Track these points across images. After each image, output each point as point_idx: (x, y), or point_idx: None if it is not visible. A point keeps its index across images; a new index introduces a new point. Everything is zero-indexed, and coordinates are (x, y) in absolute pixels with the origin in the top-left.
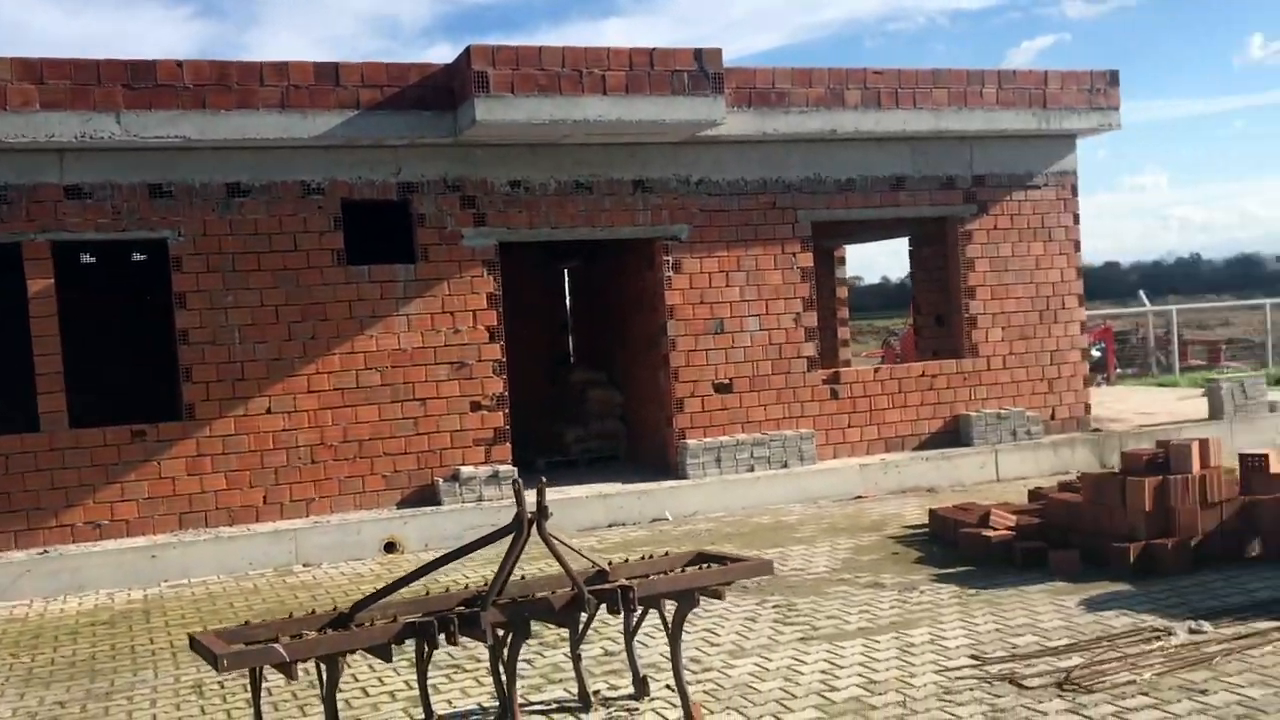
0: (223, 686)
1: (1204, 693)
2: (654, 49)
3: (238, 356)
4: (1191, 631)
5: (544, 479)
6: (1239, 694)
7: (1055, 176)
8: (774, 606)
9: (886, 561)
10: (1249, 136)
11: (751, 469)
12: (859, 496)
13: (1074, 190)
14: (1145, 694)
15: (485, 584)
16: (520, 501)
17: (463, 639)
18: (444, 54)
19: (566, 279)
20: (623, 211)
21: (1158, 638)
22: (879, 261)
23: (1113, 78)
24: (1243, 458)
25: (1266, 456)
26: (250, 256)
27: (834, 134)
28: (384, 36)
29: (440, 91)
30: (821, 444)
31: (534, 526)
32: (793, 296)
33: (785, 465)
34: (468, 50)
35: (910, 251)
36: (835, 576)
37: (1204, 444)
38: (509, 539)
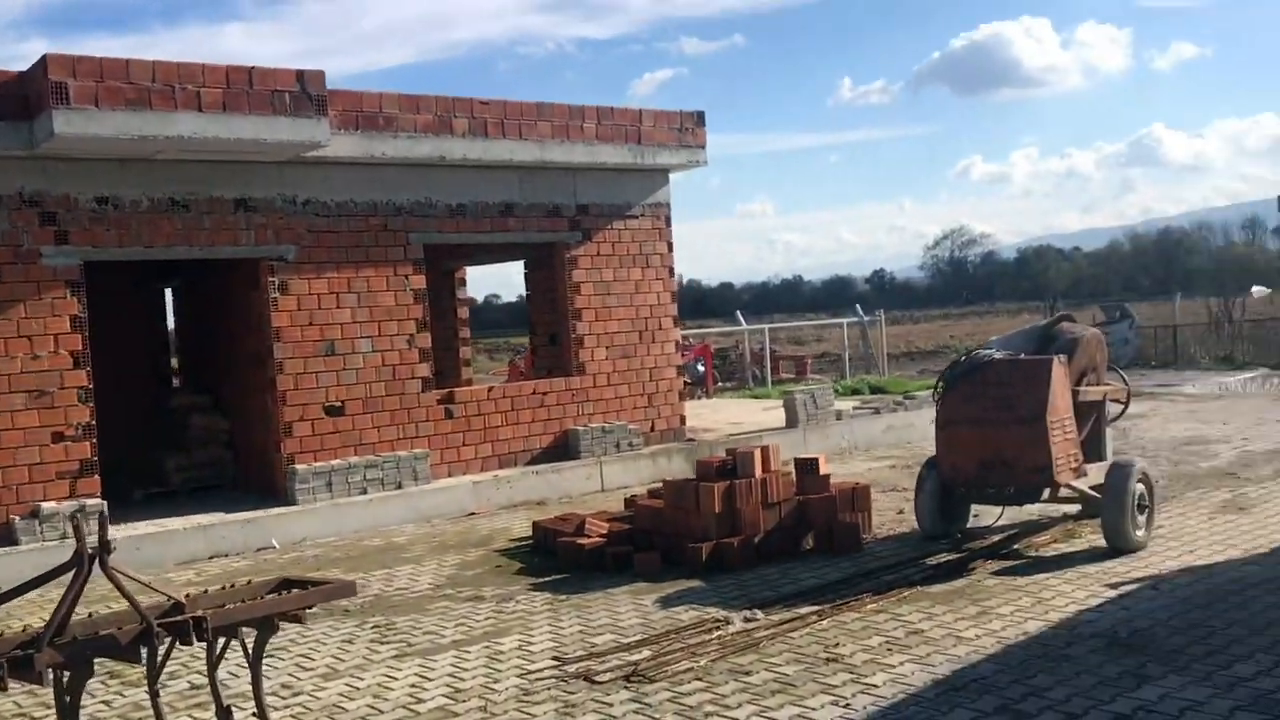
0: None
1: (748, 673)
2: (253, 68)
3: None
4: (746, 620)
5: (104, 512)
6: (777, 671)
7: (651, 208)
8: (373, 627)
9: (489, 575)
10: (842, 170)
11: (365, 491)
12: (472, 513)
13: (668, 220)
14: (699, 679)
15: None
16: (80, 537)
17: (27, 685)
18: (40, 50)
19: (170, 299)
20: (224, 231)
21: (718, 627)
22: (516, 280)
23: (699, 118)
24: (798, 462)
25: (817, 460)
26: None
27: (443, 160)
28: None
29: (14, 100)
30: (436, 463)
31: (95, 562)
32: (406, 318)
33: (399, 486)
34: (44, 59)
35: (525, 274)
36: (439, 593)
37: (765, 450)
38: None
